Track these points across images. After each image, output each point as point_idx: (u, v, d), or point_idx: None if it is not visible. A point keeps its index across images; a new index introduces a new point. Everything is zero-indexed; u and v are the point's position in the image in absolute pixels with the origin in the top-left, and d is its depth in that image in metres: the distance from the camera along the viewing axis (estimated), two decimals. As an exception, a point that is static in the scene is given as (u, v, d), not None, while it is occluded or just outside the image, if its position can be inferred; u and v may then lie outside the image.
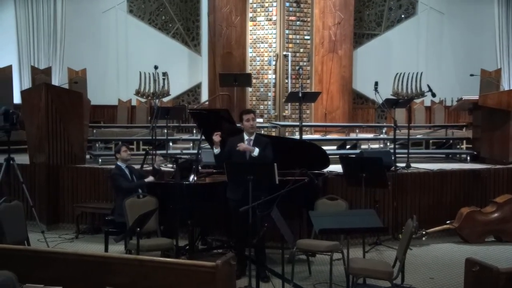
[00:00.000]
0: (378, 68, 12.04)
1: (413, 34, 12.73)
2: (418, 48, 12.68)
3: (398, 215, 7.24)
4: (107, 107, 12.50)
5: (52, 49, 12.18)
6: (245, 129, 5.74)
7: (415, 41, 12.69)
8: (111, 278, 3.75)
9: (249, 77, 9.85)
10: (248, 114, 5.73)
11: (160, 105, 10.35)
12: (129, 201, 5.93)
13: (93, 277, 3.81)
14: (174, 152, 8.69)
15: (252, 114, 5.75)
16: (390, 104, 8.21)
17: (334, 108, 10.72)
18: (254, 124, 5.73)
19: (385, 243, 6.91)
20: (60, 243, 7.10)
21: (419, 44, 12.68)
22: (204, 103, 11.74)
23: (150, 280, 3.71)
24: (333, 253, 5.49)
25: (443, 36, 12.77)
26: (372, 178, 6.15)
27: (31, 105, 8.06)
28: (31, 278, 3.81)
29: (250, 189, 5.10)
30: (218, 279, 3.57)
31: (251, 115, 5.72)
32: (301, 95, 8.30)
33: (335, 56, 10.62)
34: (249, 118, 5.67)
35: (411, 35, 12.74)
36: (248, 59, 10.63)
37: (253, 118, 5.70)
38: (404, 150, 8.38)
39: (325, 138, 9.98)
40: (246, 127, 5.72)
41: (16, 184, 7.29)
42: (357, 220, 4.46)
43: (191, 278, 3.64)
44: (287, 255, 5.86)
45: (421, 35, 12.70)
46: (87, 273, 3.82)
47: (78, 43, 12.28)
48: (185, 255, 6.16)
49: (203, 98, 12.63)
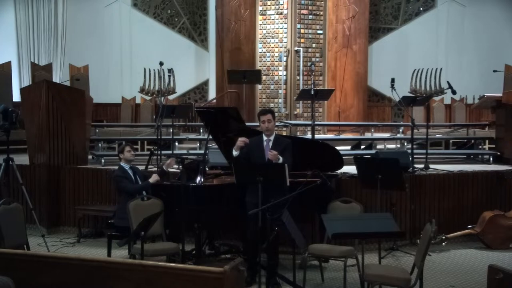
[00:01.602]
0: (394, 64, 12.01)
1: (432, 28, 12.68)
2: (437, 43, 12.62)
3: (416, 219, 7.22)
4: (110, 105, 12.57)
5: (53, 44, 12.27)
6: (262, 130, 5.75)
7: (434, 35, 12.63)
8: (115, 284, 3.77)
9: (258, 73, 9.84)
10: (264, 115, 5.73)
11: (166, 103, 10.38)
12: (133, 203, 5.95)
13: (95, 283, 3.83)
14: (180, 152, 8.71)
15: (269, 115, 5.73)
16: (408, 102, 8.17)
17: (348, 106, 10.70)
18: (270, 127, 5.71)
19: (402, 248, 6.89)
20: (61, 248, 7.14)
21: (438, 39, 12.63)
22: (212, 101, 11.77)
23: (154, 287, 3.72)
24: (347, 258, 5.47)
25: (464, 30, 12.70)
26: (388, 180, 6.12)
27: (31, 103, 8.11)
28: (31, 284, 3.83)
29: (260, 192, 5.10)
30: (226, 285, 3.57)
31: (268, 116, 5.71)
32: (313, 92, 8.28)
33: (349, 52, 10.59)
34: (264, 120, 5.68)
35: (430, 29, 12.68)
36: (257, 55, 10.63)
37: (269, 120, 5.69)
38: (423, 150, 8.34)
39: (338, 138, 9.95)
40: (262, 129, 5.74)
41: (16, 186, 7.34)
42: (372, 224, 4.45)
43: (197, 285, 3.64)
44: (299, 260, 5.87)
45: (441, 29, 12.64)
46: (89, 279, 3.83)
47: (80, 38, 12.36)
48: (192, 260, 6.17)
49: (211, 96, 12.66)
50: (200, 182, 6.10)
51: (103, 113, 12.55)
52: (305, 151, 6.17)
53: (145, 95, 11.68)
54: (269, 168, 5.37)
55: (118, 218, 6.29)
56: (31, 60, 11.97)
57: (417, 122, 8.05)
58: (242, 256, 5.91)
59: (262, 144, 5.69)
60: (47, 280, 3.88)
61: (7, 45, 11.92)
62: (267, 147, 5.68)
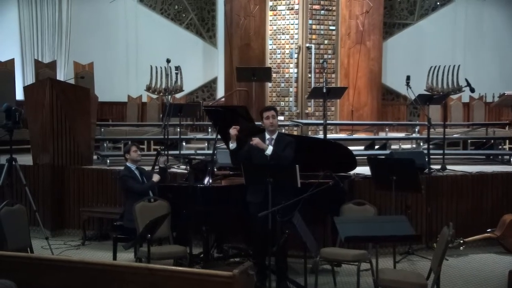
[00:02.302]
0: (410, 61, 11.95)
1: (449, 23, 12.60)
2: (455, 39, 12.55)
3: (433, 222, 7.18)
4: (115, 104, 12.62)
5: (57, 41, 12.34)
6: (265, 127, 5.76)
7: (452, 31, 12.56)
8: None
9: (268, 71, 9.84)
10: (267, 111, 5.77)
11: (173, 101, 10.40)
12: (139, 205, 5.97)
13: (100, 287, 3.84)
14: (187, 153, 8.73)
15: (272, 111, 5.78)
16: (424, 100, 8.14)
17: (361, 105, 10.67)
18: (275, 122, 5.74)
19: (418, 252, 6.86)
20: (65, 250, 7.18)
21: (456, 34, 12.55)
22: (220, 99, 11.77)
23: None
24: (360, 263, 5.46)
25: (483, 25, 12.61)
26: (404, 182, 6.10)
27: (35, 102, 8.17)
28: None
29: (270, 193, 5.10)
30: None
31: (271, 112, 5.75)
32: (325, 90, 8.27)
33: (363, 48, 10.56)
34: (268, 116, 5.70)
35: (447, 24, 12.61)
36: (267, 51, 10.62)
37: (273, 116, 5.72)
38: (439, 150, 8.31)
39: (351, 138, 9.94)
40: (265, 126, 5.75)
41: (19, 187, 7.39)
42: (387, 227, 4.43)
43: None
44: (310, 264, 5.86)
45: (459, 24, 12.56)
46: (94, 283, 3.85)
47: (84, 35, 12.42)
48: (200, 264, 6.18)
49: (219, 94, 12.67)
50: (208, 183, 6.11)
51: (109, 112, 12.60)
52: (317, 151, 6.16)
53: (152, 93, 11.70)
54: (280, 169, 5.37)
55: (127, 219, 6.29)
56: (34, 57, 12.04)
57: (433, 121, 8.04)
58: (252, 260, 5.91)
59: (265, 143, 5.69)
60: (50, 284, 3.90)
61: (10, 42, 12.00)
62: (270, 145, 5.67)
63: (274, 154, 5.59)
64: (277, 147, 5.66)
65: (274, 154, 5.59)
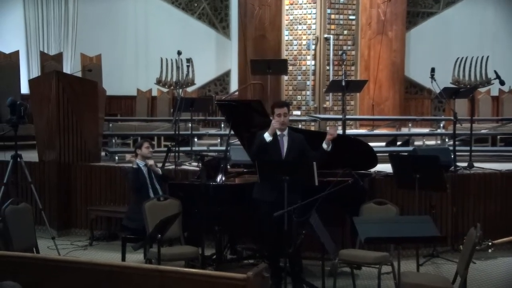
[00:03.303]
0: (435, 52, 11.86)
1: (477, 12, 12.47)
2: (483, 28, 12.41)
3: (459, 223, 7.15)
4: (124, 98, 12.68)
5: (63, 32, 12.42)
6: None
7: (480, 20, 12.42)
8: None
9: (284, 63, 9.82)
10: (280, 108, 5.69)
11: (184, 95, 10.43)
12: (149, 204, 6.01)
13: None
14: (199, 149, 8.76)
15: (285, 108, 5.70)
16: (450, 93, 8.08)
17: (383, 99, 10.62)
18: (286, 121, 5.69)
19: (443, 255, 6.83)
20: (72, 251, 7.25)
21: (484, 24, 12.41)
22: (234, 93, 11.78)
23: (172, 294, 3.75)
24: (381, 265, 5.44)
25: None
26: (428, 180, 6.07)
27: (40, 96, 8.24)
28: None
29: (286, 192, 5.10)
30: (249, 293, 3.58)
31: (284, 109, 5.67)
32: (344, 84, 8.24)
33: (385, 39, 10.50)
34: (280, 113, 5.63)
35: (475, 13, 12.47)
36: (283, 43, 10.60)
37: (285, 114, 5.66)
38: (466, 147, 8.25)
39: (372, 133, 9.90)
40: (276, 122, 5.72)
41: (24, 184, 7.46)
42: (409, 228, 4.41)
43: (218, 292, 3.66)
44: (328, 267, 5.86)
45: (488, 13, 12.42)
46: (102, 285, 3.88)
47: (92, 26, 12.48)
48: (212, 265, 6.21)
49: (233, 88, 12.68)
50: (221, 181, 6.13)
51: (117, 107, 12.67)
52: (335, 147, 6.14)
53: (162, 87, 11.75)
54: (296, 166, 5.36)
55: (127, 218, 6.38)
56: (40, 49, 12.14)
57: (460, 116, 7.97)
58: (267, 262, 5.92)
59: (277, 140, 5.68)
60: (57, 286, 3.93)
61: (14, 34, 12.10)
62: (282, 143, 5.68)
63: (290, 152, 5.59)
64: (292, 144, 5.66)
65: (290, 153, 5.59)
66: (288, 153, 5.63)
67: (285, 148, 5.68)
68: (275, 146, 5.65)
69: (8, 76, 10.86)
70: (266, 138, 5.60)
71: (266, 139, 5.60)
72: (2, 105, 9.89)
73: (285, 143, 5.69)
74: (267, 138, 5.60)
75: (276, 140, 5.67)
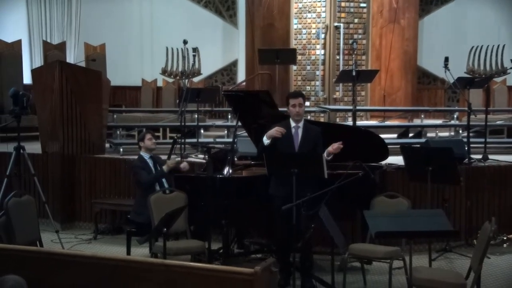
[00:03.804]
0: (449, 40, 11.81)
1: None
2: (499, 16, 12.33)
3: (473, 217, 7.13)
4: (129, 89, 12.71)
5: (66, 21, 12.44)
6: (291, 115, 5.74)
7: (496, 7, 12.34)
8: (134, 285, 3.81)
9: (293, 53, 9.81)
10: (295, 98, 5.71)
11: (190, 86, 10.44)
12: (154, 197, 6.02)
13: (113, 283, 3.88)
14: (206, 141, 8.76)
15: (300, 98, 5.72)
16: (464, 83, 8.04)
17: (394, 89, 10.59)
18: (301, 111, 5.70)
19: (456, 250, 6.82)
20: (76, 245, 7.28)
21: (500, 11, 12.33)
22: (241, 83, 11.78)
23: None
24: (392, 260, 5.44)
25: (531, 1, 12.38)
26: (441, 172, 6.06)
27: (43, 86, 8.26)
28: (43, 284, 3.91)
29: (294, 184, 5.10)
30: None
31: (299, 99, 5.69)
32: (355, 74, 8.23)
33: (397, 27, 10.46)
34: (295, 104, 5.65)
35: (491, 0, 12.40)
36: (292, 32, 10.58)
37: (300, 104, 5.68)
38: (481, 139, 8.21)
39: (383, 125, 9.89)
40: (291, 114, 5.71)
41: (27, 177, 7.50)
42: (421, 221, 4.40)
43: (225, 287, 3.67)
44: (338, 262, 5.86)
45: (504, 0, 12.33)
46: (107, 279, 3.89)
47: (96, 14, 12.50)
48: (219, 260, 6.22)
49: (240, 78, 12.68)
50: (228, 173, 6.13)
51: (122, 97, 12.70)
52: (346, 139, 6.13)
53: (168, 77, 11.76)
54: (305, 158, 5.36)
55: (134, 212, 6.39)
56: (43, 38, 12.17)
57: (474, 107, 7.92)
58: (275, 256, 5.93)
59: (291, 132, 5.67)
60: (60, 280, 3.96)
61: (17, 22, 12.13)
62: (296, 135, 5.66)
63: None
64: (305, 137, 5.65)
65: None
66: (301, 146, 5.61)
67: (299, 140, 5.67)
68: (288, 138, 5.64)
69: (11, 66, 10.89)
70: (265, 142, 5.63)
71: (264, 143, 5.62)
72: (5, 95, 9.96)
73: (299, 135, 5.67)
74: (265, 142, 5.63)
75: (290, 133, 5.67)
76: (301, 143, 5.63)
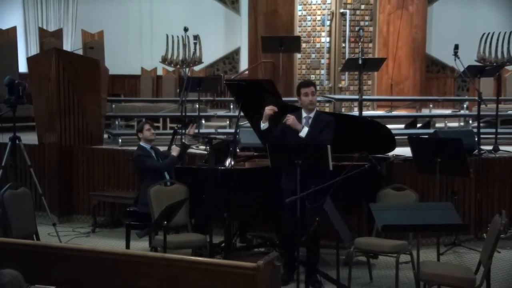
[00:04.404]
0: (459, 27, 11.77)
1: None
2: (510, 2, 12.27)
3: (482, 210, 7.14)
4: (128, 77, 12.71)
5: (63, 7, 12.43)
6: (303, 105, 5.73)
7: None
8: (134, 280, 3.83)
9: (297, 40, 9.79)
10: (306, 87, 5.71)
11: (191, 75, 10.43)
12: (154, 189, 6.03)
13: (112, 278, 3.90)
14: (207, 132, 8.76)
15: (312, 87, 5.73)
16: (474, 72, 8.02)
17: (402, 78, 10.57)
18: (314, 100, 5.72)
19: (465, 244, 6.84)
20: (74, 238, 7.32)
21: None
22: (244, 72, 11.76)
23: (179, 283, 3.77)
24: (399, 254, 5.44)
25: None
26: (450, 164, 6.04)
27: (39, 75, 8.26)
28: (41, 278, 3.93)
29: (298, 176, 5.10)
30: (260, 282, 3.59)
31: (311, 88, 5.70)
32: (361, 62, 8.20)
33: (405, 14, 10.42)
34: (307, 92, 5.65)
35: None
36: (296, 18, 10.54)
37: (312, 93, 5.68)
38: (491, 129, 8.20)
39: (390, 115, 9.87)
40: (303, 103, 5.70)
41: (23, 168, 7.51)
42: (429, 215, 4.40)
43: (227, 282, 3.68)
44: (343, 256, 5.87)
45: (516, -15, 12.29)
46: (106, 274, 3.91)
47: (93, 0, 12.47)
48: (221, 254, 6.24)
49: (242, 67, 12.66)
50: (230, 165, 6.14)
51: (121, 86, 12.70)
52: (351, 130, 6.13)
53: (168, 65, 11.74)
54: (309, 149, 5.36)
55: (141, 203, 6.36)
56: (38, 25, 12.16)
57: (485, 96, 7.90)
58: (278, 250, 5.95)
59: (301, 122, 5.67)
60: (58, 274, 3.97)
61: (12, 9, 12.12)
62: (307, 125, 5.65)
63: (310, 136, 5.55)
64: (315, 127, 5.62)
65: (310, 136, 5.55)
66: (308, 137, 5.61)
67: None
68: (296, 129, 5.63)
69: (5, 53, 10.87)
70: (261, 126, 5.64)
71: (261, 127, 5.63)
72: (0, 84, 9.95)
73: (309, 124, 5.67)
74: (262, 126, 5.65)
75: (300, 121, 5.66)
76: (308, 134, 5.61)
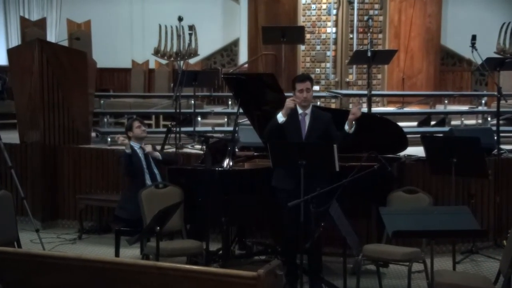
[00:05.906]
0: (477, 17, 11.78)
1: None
2: (532, -11, 12.30)
3: (502, 215, 7.14)
4: (117, 71, 12.72)
5: (47, -5, 12.42)
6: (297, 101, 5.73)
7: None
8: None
9: (301, 31, 9.79)
10: (302, 82, 5.70)
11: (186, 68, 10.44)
12: (146, 192, 6.04)
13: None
14: (203, 130, 8.77)
15: (308, 82, 5.72)
16: (493, 65, 8.02)
17: (415, 72, 10.58)
18: (309, 97, 5.71)
19: (484, 251, 6.84)
20: (59, 245, 7.32)
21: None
22: (243, 65, 11.77)
23: (172, 294, 3.78)
24: (412, 263, 5.46)
25: None
26: (466, 165, 6.06)
27: (21, 68, 8.26)
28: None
29: (302, 178, 5.11)
30: (260, 293, 3.60)
31: (306, 84, 5.69)
32: (370, 54, 8.22)
33: (418, 2, 10.43)
34: (302, 89, 5.65)
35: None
36: (300, 7, 10.56)
37: (308, 89, 5.67)
38: (511, 127, 8.21)
39: (402, 112, 9.90)
40: (297, 100, 5.71)
41: (3, 169, 7.52)
42: (444, 220, 4.41)
43: (225, 292, 3.69)
44: (351, 264, 5.87)
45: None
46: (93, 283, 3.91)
47: (80, -13, 12.48)
48: (218, 262, 6.25)
49: (241, 59, 12.67)
50: (228, 166, 6.14)
51: (109, 81, 12.71)
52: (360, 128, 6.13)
53: (161, 58, 11.77)
54: (314, 148, 5.36)
55: (119, 207, 6.42)
56: (20, 14, 12.16)
57: (505, 91, 7.91)
58: (280, 258, 5.95)
59: (298, 119, 5.68)
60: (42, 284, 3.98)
61: (-9, -3, 12.13)
62: (303, 123, 5.67)
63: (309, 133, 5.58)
64: (315, 125, 5.65)
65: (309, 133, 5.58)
66: (309, 135, 5.62)
67: (306, 129, 5.67)
68: (295, 126, 5.65)
69: (-16, 45, 10.91)
70: (279, 119, 5.60)
71: (278, 120, 5.60)
72: (-22, 78, 9.96)
73: (306, 123, 5.69)
74: (280, 119, 5.60)
75: (297, 120, 5.66)
76: (308, 132, 5.63)
